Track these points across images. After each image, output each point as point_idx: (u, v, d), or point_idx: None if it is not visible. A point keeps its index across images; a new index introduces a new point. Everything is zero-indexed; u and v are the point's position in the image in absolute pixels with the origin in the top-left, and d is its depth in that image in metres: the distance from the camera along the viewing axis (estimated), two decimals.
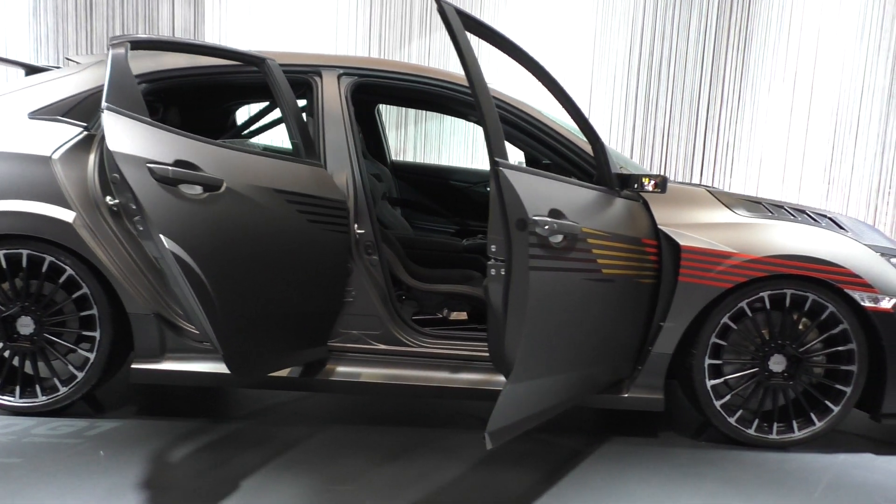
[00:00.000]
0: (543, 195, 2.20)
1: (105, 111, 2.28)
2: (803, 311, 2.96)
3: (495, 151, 2.08)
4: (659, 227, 2.94)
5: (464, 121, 4.03)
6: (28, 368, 2.96)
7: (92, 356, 2.94)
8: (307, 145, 2.99)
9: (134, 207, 2.23)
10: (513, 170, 2.13)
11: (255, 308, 2.58)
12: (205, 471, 2.52)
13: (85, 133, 2.93)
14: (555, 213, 2.24)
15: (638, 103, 5.47)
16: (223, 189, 2.43)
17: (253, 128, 4.21)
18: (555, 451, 2.86)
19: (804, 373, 2.97)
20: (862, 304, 2.90)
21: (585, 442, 2.96)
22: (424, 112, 4.94)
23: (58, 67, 3.46)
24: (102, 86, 3.18)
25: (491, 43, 2.45)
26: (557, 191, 2.30)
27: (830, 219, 3.11)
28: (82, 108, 3.10)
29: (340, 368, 2.98)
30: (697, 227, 2.95)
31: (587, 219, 2.38)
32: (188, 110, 3.74)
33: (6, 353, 2.94)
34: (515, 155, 3.63)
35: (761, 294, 2.97)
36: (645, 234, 2.86)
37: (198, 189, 2.36)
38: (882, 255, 3.00)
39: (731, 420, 3.03)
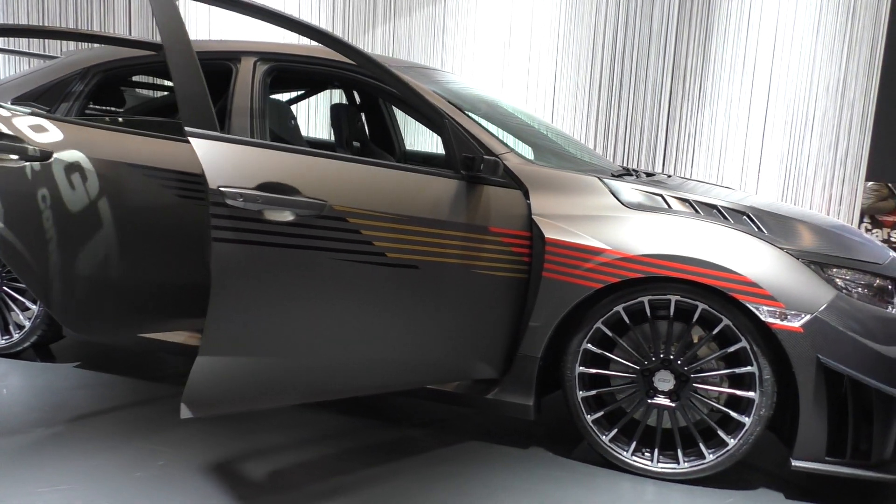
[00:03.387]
0: (249, 167, 1.94)
1: None
2: (694, 322, 2.47)
3: (186, 118, 1.87)
4: (533, 216, 2.62)
5: None
6: None
7: (36, 308, 3.26)
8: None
9: None
10: (206, 139, 1.89)
11: (99, 274, 2.54)
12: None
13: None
14: (274, 188, 1.97)
15: (601, 94, 5.26)
16: (52, 160, 2.46)
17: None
18: (406, 446, 2.56)
19: (693, 395, 2.41)
20: (762, 318, 2.36)
21: (450, 441, 2.63)
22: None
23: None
24: (65, 76, 3.61)
25: (231, 9, 2.24)
26: (288, 165, 2.02)
27: (750, 216, 2.53)
28: (49, 95, 3.47)
29: None
30: (574, 219, 2.53)
31: (352, 198, 2.07)
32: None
33: None
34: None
35: (641, 299, 2.53)
36: (503, 224, 2.49)
37: (13, 157, 2.49)
38: (808, 262, 2.40)
39: (605, 439, 2.57)
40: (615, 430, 2.48)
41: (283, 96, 4.33)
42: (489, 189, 2.46)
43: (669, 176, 3.62)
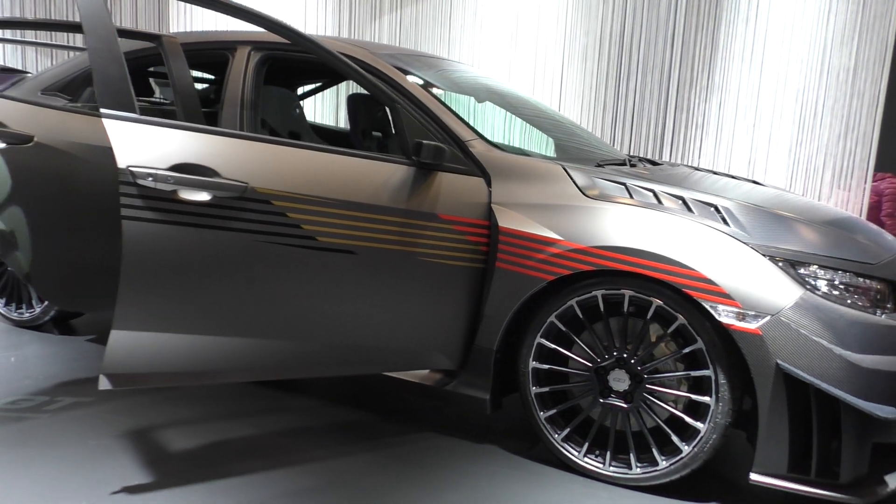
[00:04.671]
0: (163, 148, 1.95)
1: None
2: (649, 320, 2.30)
3: (103, 100, 1.91)
4: (492, 204, 2.53)
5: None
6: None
7: None
8: (189, 113, 2.95)
9: None
10: (119, 120, 1.92)
11: (80, 253, 2.63)
12: None
13: None
14: (189, 169, 1.98)
15: (609, 83, 5.14)
16: (33, 143, 2.61)
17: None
18: (358, 430, 2.54)
19: (646, 397, 2.23)
20: (718, 318, 2.17)
21: (406, 431, 2.59)
22: None
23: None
24: (83, 69, 3.79)
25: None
26: (206, 146, 2.02)
27: (718, 208, 2.32)
28: (74, 84, 3.69)
29: None
30: (532, 208, 2.41)
31: (277, 181, 2.06)
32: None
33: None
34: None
35: (594, 293, 2.38)
36: (457, 211, 2.39)
37: None
38: (775, 259, 2.17)
39: (557, 438, 2.46)
40: (568, 430, 2.37)
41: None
42: (445, 176, 2.40)
43: (674, 165, 3.44)
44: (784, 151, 4.78)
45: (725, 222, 2.21)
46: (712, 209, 2.25)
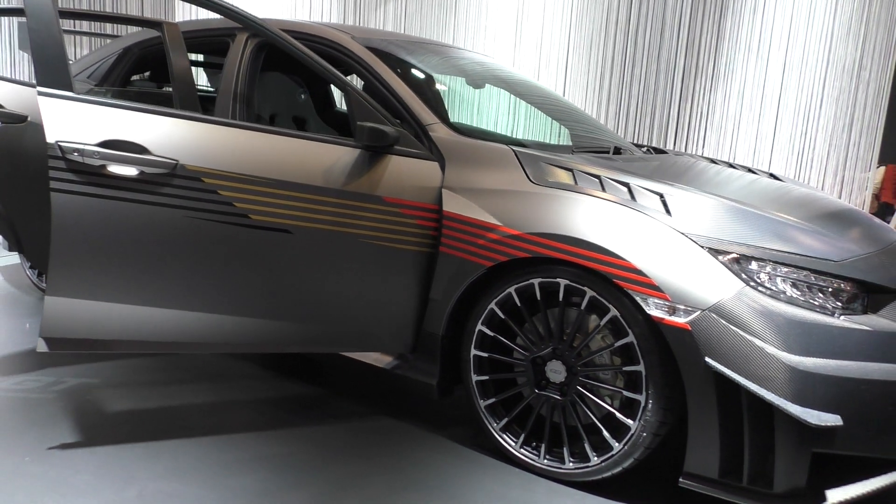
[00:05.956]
0: (93, 124, 2.05)
1: None
2: (583, 310, 2.19)
3: (41, 80, 2.02)
4: (443, 189, 2.49)
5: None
6: None
7: None
8: (184, 98, 2.97)
9: None
10: (52, 97, 2.02)
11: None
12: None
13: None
14: (118, 145, 2.07)
15: (614, 71, 5.00)
16: (25, 123, 2.77)
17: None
18: (317, 408, 2.59)
19: (578, 390, 2.17)
20: (647, 311, 2.04)
21: (356, 409, 2.62)
22: None
23: None
24: (110, 54, 4.02)
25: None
26: (137, 124, 2.11)
27: (663, 196, 2.18)
28: (97, 73, 3.92)
29: None
30: (478, 193, 2.36)
31: (209, 159, 2.13)
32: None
33: None
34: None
35: (532, 281, 2.29)
36: (405, 195, 2.39)
37: None
38: (714, 251, 2.01)
39: (495, 427, 2.39)
40: (506, 419, 2.33)
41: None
42: (395, 159, 2.41)
43: (679, 154, 3.29)
44: (789, 142, 4.55)
45: (668, 212, 2.10)
46: (657, 198, 2.14)
